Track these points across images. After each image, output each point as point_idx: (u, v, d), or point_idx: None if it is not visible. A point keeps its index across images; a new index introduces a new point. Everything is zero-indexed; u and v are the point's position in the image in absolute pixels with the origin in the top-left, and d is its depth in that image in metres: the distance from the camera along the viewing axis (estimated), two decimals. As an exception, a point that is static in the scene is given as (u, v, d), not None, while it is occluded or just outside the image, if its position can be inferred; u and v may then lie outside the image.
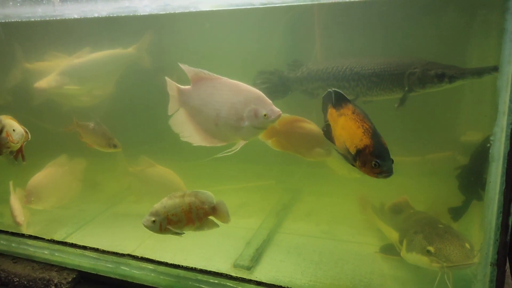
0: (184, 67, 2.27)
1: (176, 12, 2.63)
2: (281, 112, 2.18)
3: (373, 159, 1.83)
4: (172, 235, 2.43)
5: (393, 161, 1.88)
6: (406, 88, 2.61)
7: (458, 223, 2.85)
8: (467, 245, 2.43)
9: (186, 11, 2.59)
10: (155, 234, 2.43)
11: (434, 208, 3.00)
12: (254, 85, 3.05)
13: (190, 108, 2.35)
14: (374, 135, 1.87)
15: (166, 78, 2.39)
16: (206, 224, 2.45)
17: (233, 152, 2.27)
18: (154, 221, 2.37)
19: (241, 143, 2.28)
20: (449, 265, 2.35)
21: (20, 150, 2.72)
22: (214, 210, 2.42)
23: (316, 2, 3.08)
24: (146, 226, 2.40)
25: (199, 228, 2.45)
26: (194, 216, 2.40)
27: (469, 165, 2.84)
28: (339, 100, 2.11)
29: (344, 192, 3.67)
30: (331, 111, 2.15)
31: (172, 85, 2.39)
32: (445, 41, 2.96)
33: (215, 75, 2.24)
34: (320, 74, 2.97)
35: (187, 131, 2.36)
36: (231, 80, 2.23)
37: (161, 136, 3.31)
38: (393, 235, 2.91)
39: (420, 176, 3.29)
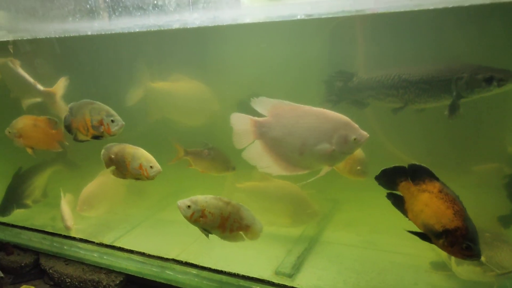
0: (261, 99, 2.24)
1: (224, 24, 2.70)
2: (368, 135, 2.16)
3: (466, 242, 1.83)
4: (204, 235, 2.43)
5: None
6: (454, 94, 2.56)
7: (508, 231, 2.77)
8: None
9: (233, 23, 2.66)
10: (199, 239, 2.42)
11: (483, 218, 2.92)
12: (327, 101, 3.08)
13: (270, 140, 2.29)
14: (466, 218, 1.86)
15: (235, 114, 2.33)
16: (234, 237, 2.45)
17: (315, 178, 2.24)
18: (189, 207, 2.37)
19: (326, 169, 2.25)
20: (504, 272, 2.28)
21: None
22: (247, 228, 2.43)
23: (358, 14, 3.10)
24: (179, 207, 2.39)
25: (226, 238, 2.46)
26: (228, 225, 2.41)
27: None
28: (420, 175, 2.04)
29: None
30: (407, 185, 2.09)
31: (245, 119, 2.31)
32: (492, 49, 2.90)
33: (296, 104, 2.21)
34: (369, 82, 2.96)
35: (265, 162, 2.31)
36: (315, 108, 2.20)
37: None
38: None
39: (466, 188, 3.23)
